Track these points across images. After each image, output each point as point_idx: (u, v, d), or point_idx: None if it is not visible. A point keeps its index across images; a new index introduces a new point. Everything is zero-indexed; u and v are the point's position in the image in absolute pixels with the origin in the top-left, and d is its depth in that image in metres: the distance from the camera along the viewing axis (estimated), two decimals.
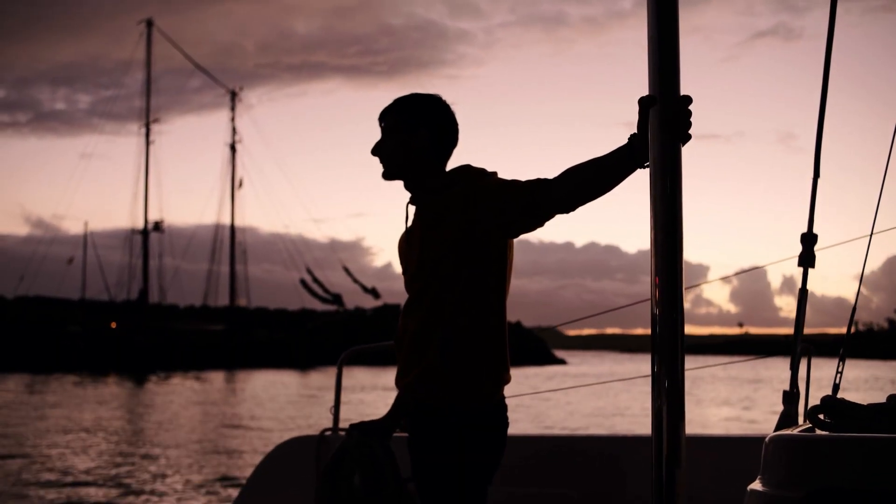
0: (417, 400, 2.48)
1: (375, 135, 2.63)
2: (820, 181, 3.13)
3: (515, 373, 2.55)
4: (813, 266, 3.19)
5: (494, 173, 2.55)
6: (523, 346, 73.29)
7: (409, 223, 2.61)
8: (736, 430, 19.89)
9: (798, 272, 3.16)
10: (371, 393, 30.42)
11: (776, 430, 2.80)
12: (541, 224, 2.38)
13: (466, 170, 2.56)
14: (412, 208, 2.61)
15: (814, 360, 3.30)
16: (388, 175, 2.58)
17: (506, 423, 2.51)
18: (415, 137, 2.54)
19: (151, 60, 62.14)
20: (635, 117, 2.02)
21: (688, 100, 1.85)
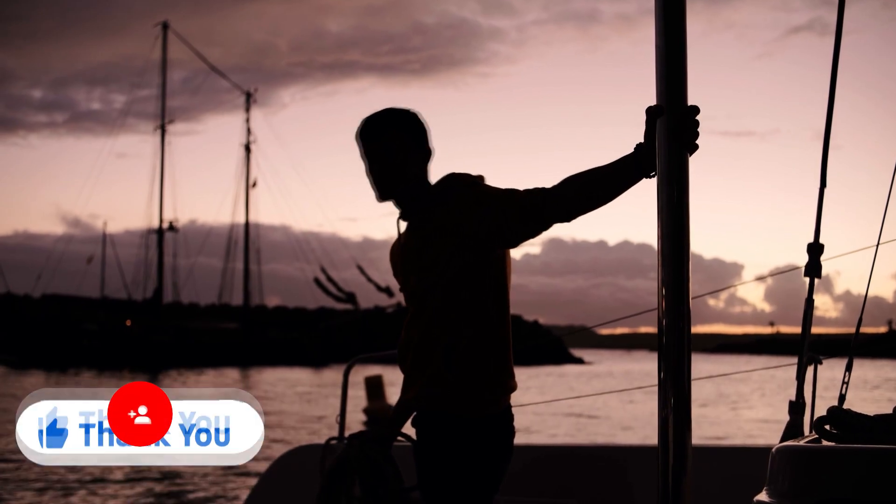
0: (423, 409, 2.48)
1: None
2: (860, 186, 3.10)
3: (528, 371, 2.54)
4: (819, 276, 3.18)
5: (481, 177, 2.52)
6: (539, 345, 73.22)
7: (402, 238, 2.58)
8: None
9: (833, 270, 3.14)
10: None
11: (782, 440, 2.79)
12: (537, 233, 2.35)
13: (455, 179, 2.52)
14: (403, 223, 2.58)
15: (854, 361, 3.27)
16: (383, 197, 2.54)
17: (512, 432, 2.50)
18: (404, 155, 2.51)
19: (175, 62, 62.87)
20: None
21: (695, 110, 1.86)
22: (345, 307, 61.83)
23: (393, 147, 2.51)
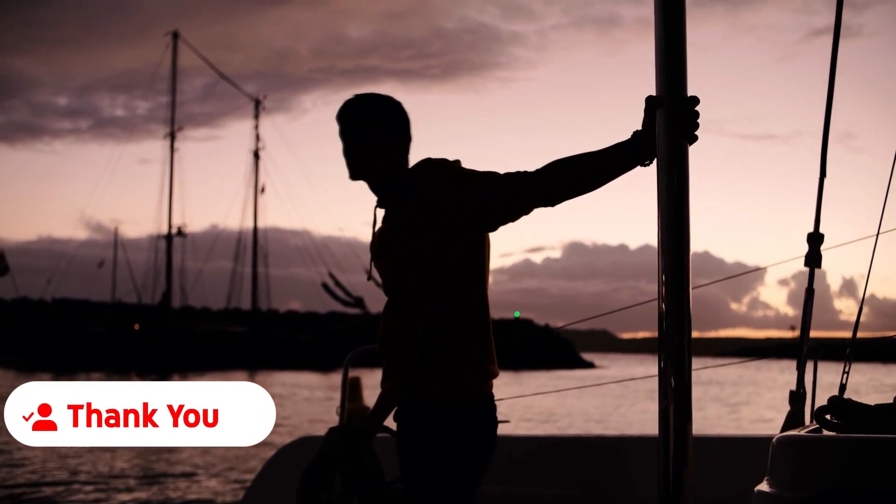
0: (402, 400, 2.44)
1: (430, 137, 2.55)
2: (874, 183, 3.09)
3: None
4: (819, 266, 3.19)
5: (458, 162, 2.50)
6: (549, 349, 72.58)
7: (381, 226, 2.56)
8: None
9: (858, 273, 3.15)
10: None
11: (783, 430, 2.80)
12: (518, 217, 2.34)
13: (430, 163, 2.50)
14: (381, 211, 2.56)
15: (875, 366, 3.28)
16: (356, 175, 2.51)
17: (494, 422, 2.45)
18: (389, 138, 2.49)
19: (194, 69, 63.52)
20: None
21: (695, 100, 1.86)
22: (354, 311, 61.92)
23: (371, 129, 2.48)
